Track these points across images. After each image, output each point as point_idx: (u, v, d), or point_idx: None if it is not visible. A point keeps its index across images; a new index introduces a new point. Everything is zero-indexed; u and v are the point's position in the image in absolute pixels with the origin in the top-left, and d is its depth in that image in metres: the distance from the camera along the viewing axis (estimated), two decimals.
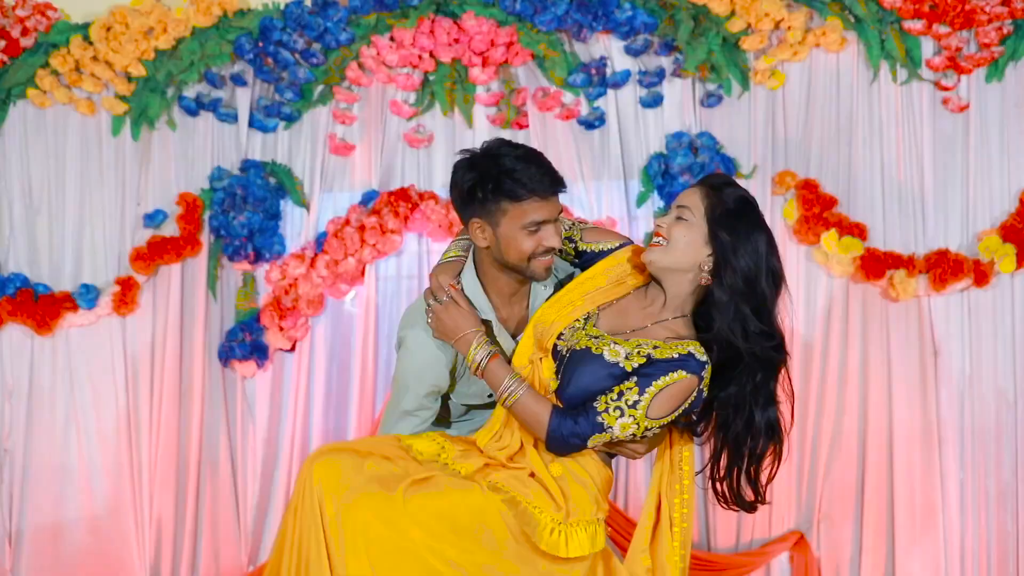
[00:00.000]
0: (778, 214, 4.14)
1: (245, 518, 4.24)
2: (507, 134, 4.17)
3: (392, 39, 4.17)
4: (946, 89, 4.08)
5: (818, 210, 4.07)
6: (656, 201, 4.15)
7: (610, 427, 2.33)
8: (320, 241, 4.21)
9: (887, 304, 4.11)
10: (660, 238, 2.40)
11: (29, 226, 4.32)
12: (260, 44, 4.18)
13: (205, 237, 4.26)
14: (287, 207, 4.29)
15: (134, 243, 4.27)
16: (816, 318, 4.14)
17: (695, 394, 2.34)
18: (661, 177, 4.11)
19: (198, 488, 4.26)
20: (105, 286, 4.26)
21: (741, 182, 4.04)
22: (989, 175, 4.10)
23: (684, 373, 2.31)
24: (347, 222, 4.17)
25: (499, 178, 2.43)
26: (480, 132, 4.20)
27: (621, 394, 2.33)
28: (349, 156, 4.25)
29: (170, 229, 4.24)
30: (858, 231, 4.07)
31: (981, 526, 4.08)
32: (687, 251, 2.36)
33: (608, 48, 4.16)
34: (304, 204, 4.25)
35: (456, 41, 4.14)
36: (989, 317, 4.09)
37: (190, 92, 4.25)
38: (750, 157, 4.15)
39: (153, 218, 4.25)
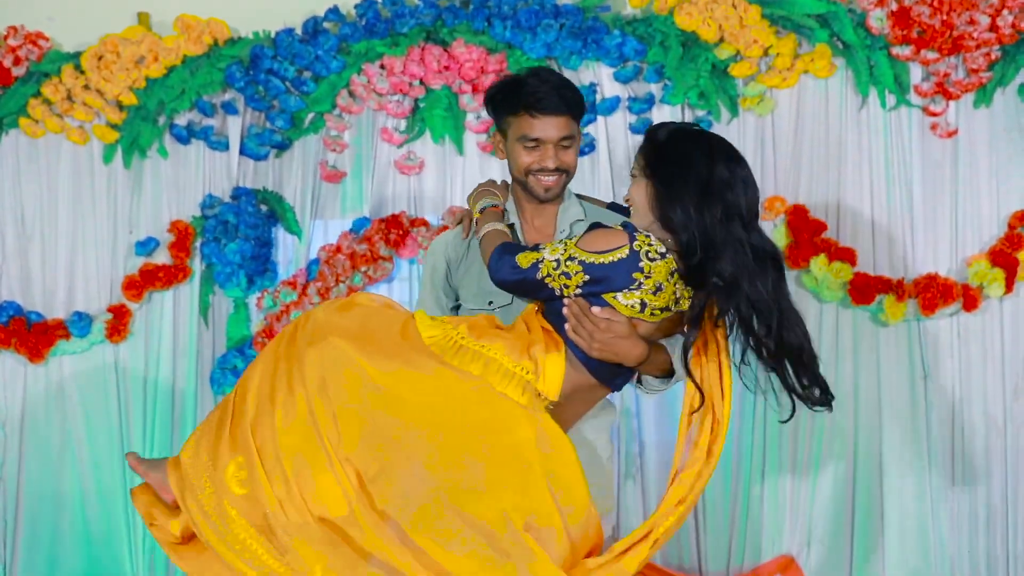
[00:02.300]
0: None
1: None
2: (497, 161, 4.19)
3: (382, 67, 4.18)
4: (934, 115, 4.09)
5: (807, 235, 4.09)
6: None
7: (542, 248, 2.42)
8: (312, 268, 4.22)
9: (877, 328, 4.13)
10: (631, 206, 2.47)
11: (22, 254, 4.34)
12: (251, 72, 4.20)
13: (197, 264, 4.28)
14: (279, 234, 4.30)
15: (126, 271, 4.28)
16: None
17: (625, 251, 2.33)
18: None
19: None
20: (98, 314, 4.28)
21: None
22: (978, 200, 4.11)
23: (617, 226, 2.41)
24: (338, 249, 4.19)
25: (508, 91, 2.64)
26: (471, 159, 4.22)
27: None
28: (340, 183, 4.27)
29: (162, 256, 4.26)
30: (847, 256, 4.09)
31: (971, 550, 4.10)
32: (643, 205, 2.41)
33: (598, 75, 4.18)
34: (296, 231, 4.26)
35: (446, 68, 4.15)
36: (978, 341, 4.10)
37: (181, 120, 4.27)
38: None
39: (145, 246, 4.26)
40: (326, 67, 4.18)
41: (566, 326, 2.40)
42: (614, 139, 4.19)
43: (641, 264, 2.34)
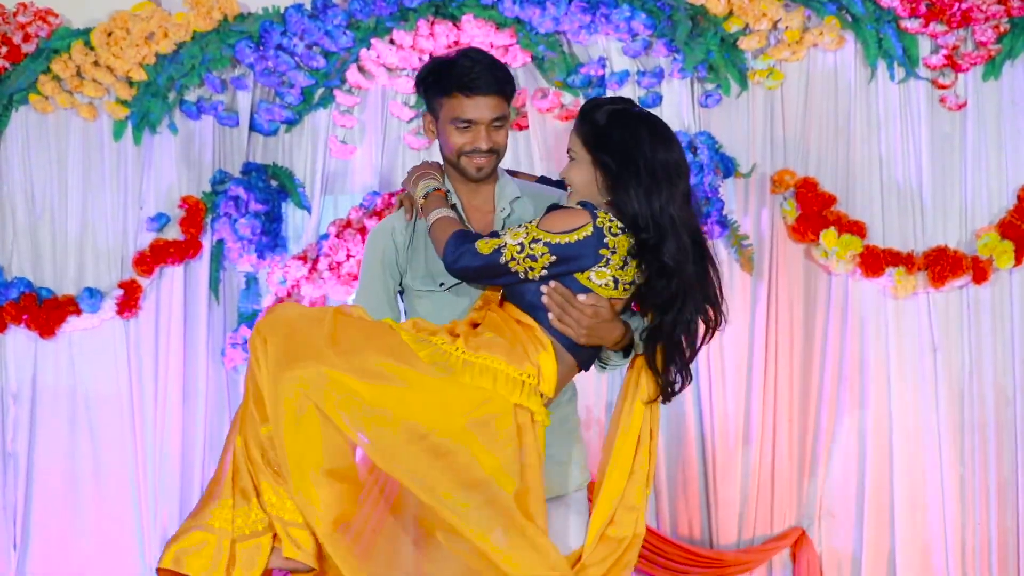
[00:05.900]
0: (777, 212, 4.16)
1: None
2: (521, 135, 4.19)
3: (392, 42, 4.19)
4: (943, 87, 4.09)
5: (817, 208, 4.09)
6: None
7: (502, 233, 2.41)
8: (322, 243, 4.22)
9: (886, 301, 4.13)
10: (571, 186, 2.47)
11: (32, 231, 4.35)
12: (260, 48, 4.20)
13: (207, 240, 4.29)
14: (289, 209, 4.31)
15: (137, 246, 4.29)
16: (816, 315, 4.16)
17: (589, 229, 2.34)
18: None
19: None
20: (108, 289, 4.29)
21: (740, 182, 4.15)
22: (987, 172, 4.11)
23: (578, 206, 2.40)
24: (348, 224, 4.19)
25: (439, 72, 2.58)
26: None
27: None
28: (350, 158, 4.28)
29: (172, 232, 4.27)
30: (857, 229, 4.09)
31: (982, 522, 4.10)
32: (586, 187, 2.42)
33: (607, 49, 4.18)
34: (306, 206, 4.27)
35: (455, 43, 4.15)
36: (988, 314, 4.10)
37: (191, 96, 4.28)
38: (749, 156, 4.17)
39: (156, 221, 4.27)
40: (335, 42, 4.18)
41: (550, 316, 2.40)
42: None
43: (606, 240, 2.36)
